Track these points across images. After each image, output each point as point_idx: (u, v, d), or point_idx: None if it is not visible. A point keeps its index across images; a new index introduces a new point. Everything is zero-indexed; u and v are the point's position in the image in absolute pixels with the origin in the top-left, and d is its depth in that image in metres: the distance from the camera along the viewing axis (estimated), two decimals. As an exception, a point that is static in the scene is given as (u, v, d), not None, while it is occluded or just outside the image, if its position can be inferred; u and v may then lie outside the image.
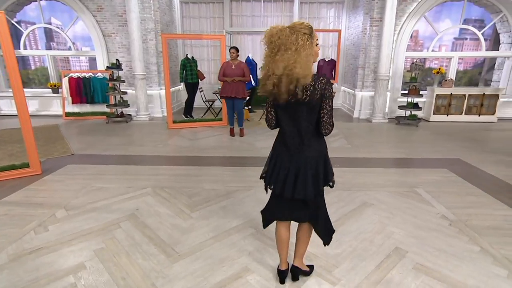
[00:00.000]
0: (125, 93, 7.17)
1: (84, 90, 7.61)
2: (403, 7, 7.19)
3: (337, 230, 2.64)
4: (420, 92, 7.08)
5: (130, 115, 7.30)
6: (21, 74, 3.62)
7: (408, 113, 7.16)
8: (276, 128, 1.83)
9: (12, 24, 7.78)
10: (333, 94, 1.67)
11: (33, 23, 8.15)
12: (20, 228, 2.66)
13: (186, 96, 7.38)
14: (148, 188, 3.45)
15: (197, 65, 7.25)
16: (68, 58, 9.11)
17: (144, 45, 7.23)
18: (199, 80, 7.26)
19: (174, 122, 6.55)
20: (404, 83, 7.51)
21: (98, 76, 7.61)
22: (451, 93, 7.25)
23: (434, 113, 7.42)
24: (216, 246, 2.43)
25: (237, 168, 4.22)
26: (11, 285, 2.01)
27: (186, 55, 7.19)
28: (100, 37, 7.57)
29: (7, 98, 7.84)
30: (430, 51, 7.87)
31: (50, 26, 8.09)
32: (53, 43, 9.02)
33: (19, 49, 7.97)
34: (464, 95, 7.26)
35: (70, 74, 7.60)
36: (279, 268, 2.03)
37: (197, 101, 7.55)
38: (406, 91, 7.21)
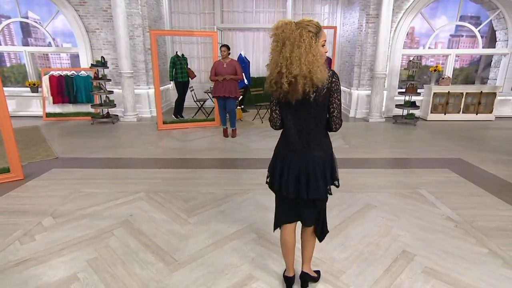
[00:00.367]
0: (111, 92, 7.05)
1: (66, 89, 7.45)
2: (399, 3, 7.30)
3: (341, 233, 2.68)
4: (418, 91, 7.20)
5: (117, 115, 7.19)
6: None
7: (405, 112, 7.27)
8: (280, 129, 1.79)
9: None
10: (339, 87, 1.65)
11: (8, 16, 7.91)
12: (3, 239, 2.58)
13: (176, 95, 7.32)
14: (141, 193, 3.40)
15: (187, 63, 7.19)
16: (47, 55, 8.91)
17: (131, 42, 7.14)
18: (190, 79, 7.21)
19: (164, 122, 6.48)
20: (401, 81, 7.62)
21: (81, 74, 7.47)
22: (449, 91, 7.41)
23: (431, 112, 7.56)
24: (217, 252, 2.41)
25: (233, 170, 4.20)
26: (-2, 300, 1.94)
27: (176, 52, 7.13)
28: (83, 33, 7.42)
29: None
30: (427, 48, 8.01)
31: (27, 21, 7.88)
32: (31, 39, 8.77)
33: (-7, 44, 7.75)
34: (462, 93, 7.43)
35: (51, 72, 7.43)
36: (286, 275, 2.02)
37: (187, 101, 7.49)
38: (402, 90, 7.33)
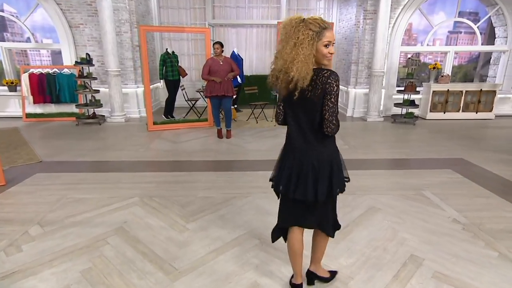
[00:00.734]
0: (97, 91, 6.95)
1: (48, 88, 7.30)
2: (397, -2, 7.40)
3: (347, 237, 2.70)
4: (417, 89, 7.31)
5: (103, 116, 7.10)
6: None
7: (404, 111, 7.36)
8: (284, 125, 1.87)
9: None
10: (336, 89, 1.63)
11: (-20, 9, 7.74)
12: (-14, 250, 2.51)
13: (166, 94, 7.26)
14: (134, 198, 3.36)
15: (178, 61, 7.15)
16: (26, 51, 8.73)
17: (118, 38, 7.05)
18: (181, 77, 7.16)
19: (155, 123, 6.42)
20: (399, 79, 7.73)
21: (64, 72, 7.34)
22: (448, 90, 7.54)
23: (430, 111, 7.69)
24: (219, 260, 2.40)
25: (230, 173, 4.19)
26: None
27: (166, 49, 7.08)
28: (66, 28, 7.30)
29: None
30: (426, 45, 8.14)
31: (3, 14, 7.69)
32: (7, 34, 8.59)
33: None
34: (461, 92, 7.57)
35: (31, 70, 7.29)
36: (294, 282, 2.03)
37: (177, 100, 7.43)
38: (401, 88, 7.42)
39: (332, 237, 1.97)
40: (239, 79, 7.40)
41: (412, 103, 7.23)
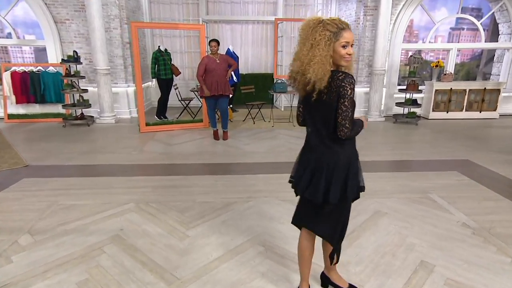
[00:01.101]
0: (85, 90, 6.88)
1: (32, 87, 7.21)
2: (399, -6, 7.48)
3: (354, 243, 2.72)
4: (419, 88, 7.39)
5: (92, 116, 7.04)
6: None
7: (406, 110, 7.44)
8: (304, 126, 1.93)
9: None
10: (350, 92, 1.62)
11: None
12: (-26, 262, 2.47)
13: (158, 94, 7.23)
14: (130, 204, 3.34)
15: (171, 59, 7.12)
16: (7, 47, 8.62)
17: (107, 35, 7.00)
18: (174, 76, 7.13)
19: (147, 124, 6.39)
20: (400, 77, 7.80)
21: (50, 70, 7.26)
22: (451, 88, 7.64)
23: (433, 110, 7.77)
24: (223, 268, 2.39)
25: (229, 176, 4.19)
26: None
27: (159, 47, 7.04)
28: (51, 24, 7.23)
29: None
30: (428, 43, 8.24)
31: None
32: (-14, 29, 8.50)
33: None
34: (465, 90, 7.67)
35: (13, 68, 7.20)
36: (299, 288, 2.04)
37: (170, 100, 7.40)
38: (402, 87, 7.50)
39: (335, 248, 1.99)
40: (234, 77, 7.40)
41: (414, 102, 7.31)
